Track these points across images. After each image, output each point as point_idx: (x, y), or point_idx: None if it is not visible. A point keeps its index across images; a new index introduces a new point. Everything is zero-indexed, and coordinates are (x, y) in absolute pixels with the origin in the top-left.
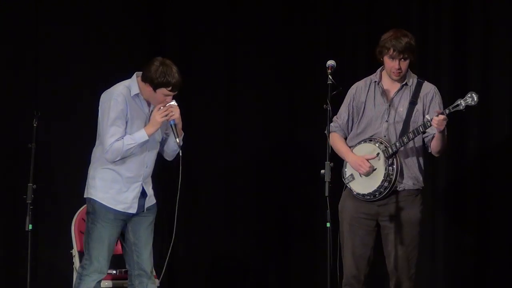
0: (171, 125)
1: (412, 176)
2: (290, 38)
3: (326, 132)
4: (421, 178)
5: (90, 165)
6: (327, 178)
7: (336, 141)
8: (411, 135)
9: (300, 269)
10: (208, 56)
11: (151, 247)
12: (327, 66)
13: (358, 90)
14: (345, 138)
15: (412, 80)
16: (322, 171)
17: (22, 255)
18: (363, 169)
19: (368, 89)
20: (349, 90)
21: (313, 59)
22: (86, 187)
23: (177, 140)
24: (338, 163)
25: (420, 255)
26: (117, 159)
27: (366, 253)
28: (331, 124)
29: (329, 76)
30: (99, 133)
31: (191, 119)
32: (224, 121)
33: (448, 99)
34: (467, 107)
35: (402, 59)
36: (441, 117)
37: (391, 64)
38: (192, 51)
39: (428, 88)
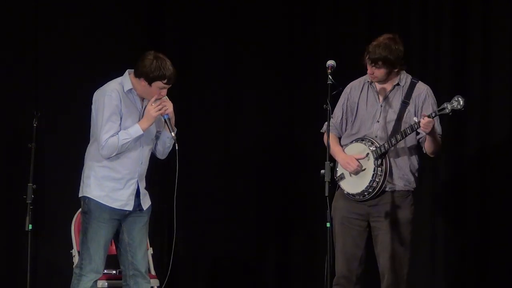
0: (165, 119)
1: (403, 177)
2: (290, 38)
3: (322, 130)
4: (412, 179)
5: (85, 164)
6: (327, 178)
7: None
8: (399, 137)
9: (299, 269)
10: (208, 55)
11: (146, 247)
12: (327, 66)
13: (353, 89)
14: (340, 138)
15: (405, 80)
16: (322, 171)
17: (22, 255)
18: (351, 168)
19: (362, 89)
20: (344, 89)
21: (313, 59)
22: (80, 187)
23: (172, 134)
24: None
25: (419, 255)
26: (113, 155)
27: (358, 253)
28: (325, 123)
29: (329, 76)
30: (93, 130)
31: (191, 118)
32: (224, 121)
33: (448, 99)
34: (453, 111)
35: (375, 67)
36: (426, 119)
37: (367, 67)
38: (192, 51)
39: (421, 89)
